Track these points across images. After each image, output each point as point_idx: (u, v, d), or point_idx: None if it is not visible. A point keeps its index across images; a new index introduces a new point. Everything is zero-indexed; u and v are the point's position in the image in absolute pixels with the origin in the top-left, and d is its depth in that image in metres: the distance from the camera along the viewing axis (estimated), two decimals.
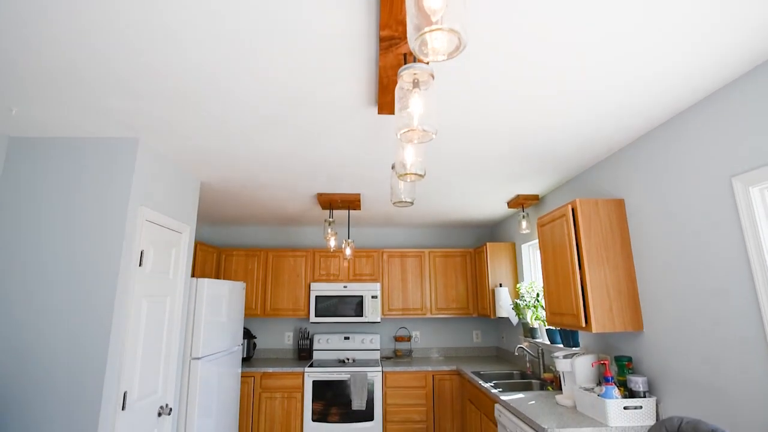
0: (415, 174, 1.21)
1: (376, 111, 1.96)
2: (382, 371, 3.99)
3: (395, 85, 1.66)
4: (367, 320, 4.31)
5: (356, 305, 4.33)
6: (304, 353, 4.48)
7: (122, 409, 2.13)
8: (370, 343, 4.55)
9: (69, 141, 2.25)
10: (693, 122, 1.93)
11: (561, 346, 3.19)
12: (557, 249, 2.60)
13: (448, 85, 1.74)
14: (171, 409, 2.54)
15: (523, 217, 3.66)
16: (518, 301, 3.69)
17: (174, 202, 2.71)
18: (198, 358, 2.85)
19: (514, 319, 3.80)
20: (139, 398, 2.29)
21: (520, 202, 3.66)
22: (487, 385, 3.08)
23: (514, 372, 3.65)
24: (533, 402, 2.57)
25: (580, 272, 2.39)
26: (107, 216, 2.18)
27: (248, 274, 4.48)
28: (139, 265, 2.30)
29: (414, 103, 0.93)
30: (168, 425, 2.56)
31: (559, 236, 2.57)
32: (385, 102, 1.85)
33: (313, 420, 3.86)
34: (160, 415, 2.48)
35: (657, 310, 2.18)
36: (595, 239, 2.39)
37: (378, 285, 4.40)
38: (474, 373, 3.59)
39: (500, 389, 2.91)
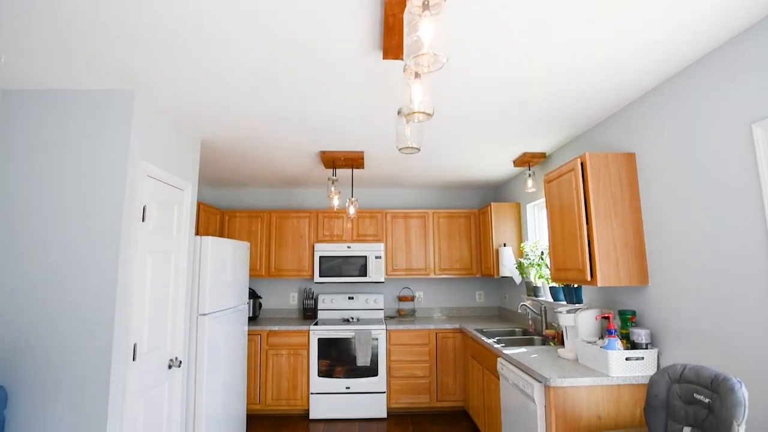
0: (424, 113, 1.15)
1: (381, 56, 1.87)
2: (386, 329, 4.06)
3: (402, 24, 1.57)
4: (370, 280, 4.35)
5: (360, 265, 4.36)
6: (309, 313, 4.55)
7: (133, 360, 2.18)
8: (374, 303, 4.62)
9: (64, 93, 2.18)
10: (711, 69, 1.84)
11: (564, 303, 3.21)
12: (565, 204, 2.56)
13: (453, 34, 1.65)
14: (180, 362, 2.60)
15: (529, 175, 3.60)
16: (522, 260, 3.69)
17: (175, 158, 2.66)
18: (205, 315, 2.89)
19: (518, 279, 3.82)
20: (149, 351, 2.33)
21: (526, 161, 3.59)
22: (489, 341, 3.13)
23: (517, 329, 3.71)
24: (535, 355, 2.61)
25: (587, 227, 2.36)
26: (107, 170, 2.14)
27: (252, 236, 4.49)
28: (142, 221, 2.29)
29: (424, 27, 0.87)
30: (178, 378, 2.62)
31: (567, 191, 2.53)
32: (390, 46, 1.76)
33: (319, 375, 3.97)
34: (170, 367, 2.54)
35: (663, 263, 2.16)
36: (603, 193, 2.34)
37: (382, 245, 4.40)
38: (477, 330, 3.65)
39: (503, 345, 2.96)
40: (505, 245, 4.01)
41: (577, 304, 3.02)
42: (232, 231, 4.50)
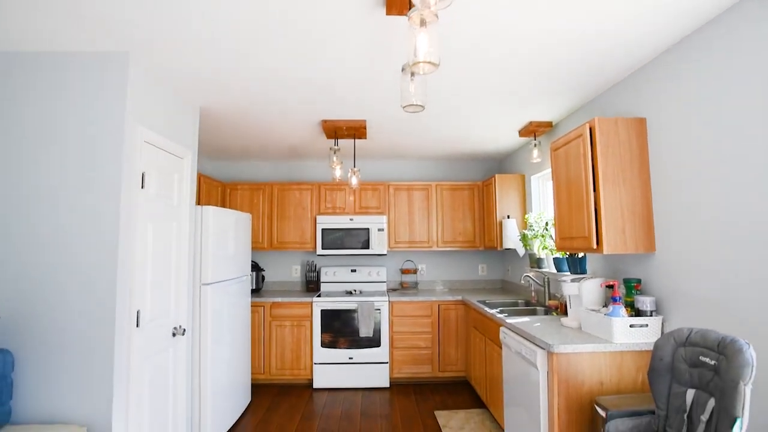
0: (430, 62, 1.09)
1: (384, 12, 1.78)
2: (389, 301, 4.08)
3: None
4: (373, 253, 4.34)
5: (363, 238, 4.34)
6: (311, 285, 4.57)
7: (137, 326, 2.18)
8: (377, 276, 4.62)
9: (56, 56, 2.11)
10: (733, 24, 1.75)
11: (568, 273, 3.19)
12: (572, 171, 2.50)
13: None
14: (184, 330, 2.61)
15: (535, 145, 3.52)
16: (526, 231, 3.66)
17: (173, 125, 2.60)
18: (207, 284, 2.89)
19: (521, 251, 3.80)
20: (152, 318, 2.34)
21: (531, 130, 3.51)
22: (492, 311, 3.13)
23: (519, 301, 3.71)
24: (538, 324, 2.61)
25: (594, 194, 2.31)
26: (104, 134, 2.09)
27: (254, 208, 4.46)
28: (142, 187, 2.25)
29: None
30: (183, 346, 2.65)
31: (574, 157, 2.47)
32: (393, 1, 1.68)
33: (323, 346, 4.01)
34: (174, 335, 2.55)
35: (671, 230, 2.12)
36: (612, 159, 2.28)
37: (384, 218, 4.38)
38: (479, 301, 3.65)
39: (506, 315, 2.96)
40: (508, 217, 3.97)
41: (581, 275, 3.00)
42: (234, 203, 4.47)
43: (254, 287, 4.44)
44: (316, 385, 3.99)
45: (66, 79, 2.10)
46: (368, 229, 4.35)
